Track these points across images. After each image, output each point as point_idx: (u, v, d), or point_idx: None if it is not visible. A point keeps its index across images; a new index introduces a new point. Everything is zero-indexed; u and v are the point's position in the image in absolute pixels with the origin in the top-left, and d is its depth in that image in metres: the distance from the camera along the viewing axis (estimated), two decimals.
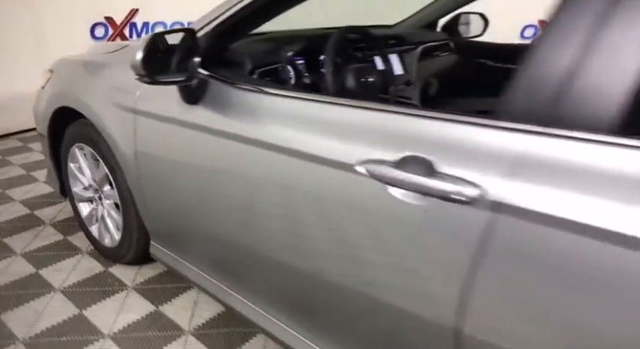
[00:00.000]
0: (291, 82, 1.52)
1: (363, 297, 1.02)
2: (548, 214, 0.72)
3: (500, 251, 0.78)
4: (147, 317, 1.68)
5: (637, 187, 0.67)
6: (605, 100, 0.72)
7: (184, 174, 1.40)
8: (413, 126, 0.91)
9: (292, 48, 1.53)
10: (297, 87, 1.52)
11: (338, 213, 1.02)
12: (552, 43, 0.77)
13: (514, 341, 0.80)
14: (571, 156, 0.73)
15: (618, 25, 0.71)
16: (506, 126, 0.79)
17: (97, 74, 1.70)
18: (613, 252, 0.67)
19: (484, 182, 0.78)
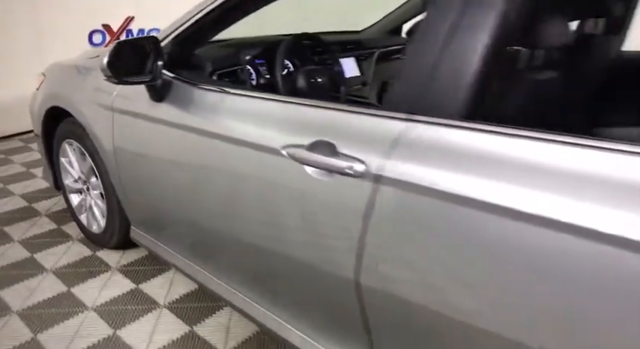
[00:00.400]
0: (251, 82, 1.72)
1: (285, 257, 1.22)
2: (416, 184, 0.91)
3: (381, 213, 0.97)
4: (127, 293, 1.89)
5: (479, 160, 0.86)
6: (455, 92, 0.91)
7: (154, 165, 1.61)
8: (321, 117, 1.11)
9: (250, 52, 1.74)
10: (249, 87, 1.72)
11: (271, 190, 1.21)
12: (419, 46, 0.96)
13: (398, 286, 0.99)
14: (432, 137, 0.92)
15: (465, 31, 0.91)
16: (385, 115, 0.98)
17: (82, 77, 1.91)
18: (455, 210, 0.86)
19: (368, 159, 0.97)
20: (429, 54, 0.94)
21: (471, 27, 0.90)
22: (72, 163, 2.15)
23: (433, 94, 0.94)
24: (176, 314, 1.77)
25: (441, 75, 0.93)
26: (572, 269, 0.74)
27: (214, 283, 1.54)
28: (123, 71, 1.35)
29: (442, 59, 0.93)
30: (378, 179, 0.96)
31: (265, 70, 1.79)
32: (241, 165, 1.28)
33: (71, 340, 1.63)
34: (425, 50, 0.95)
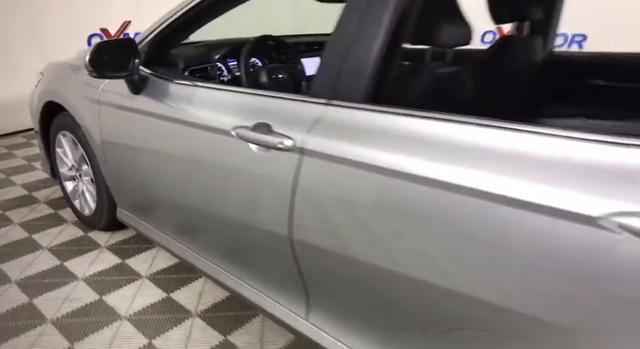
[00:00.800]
0: (220, 78, 1.95)
1: (239, 223, 1.44)
2: (331, 154, 1.13)
3: (305, 178, 1.19)
4: (113, 267, 2.12)
5: (378, 134, 1.08)
6: (360, 82, 1.13)
7: (133, 150, 1.83)
8: (263, 103, 1.34)
9: (220, 52, 1.97)
10: (215, 82, 1.95)
11: (225, 165, 1.44)
12: (333, 44, 1.19)
13: (320, 239, 1.20)
14: (343, 117, 1.14)
15: (367, 31, 1.13)
16: (309, 100, 1.21)
17: (73, 74, 2.14)
18: (361, 173, 1.08)
19: (295, 136, 1.20)
20: (340, 50, 1.17)
21: (371, 28, 1.13)
22: (66, 153, 2.39)
23: (344, 83, 1.16)
24: (155, 284, 1.99)
25: (349, 68, 1.15)
26: (467, 218, 0.92)
27: (190, 255, 1.76)
28: (104, 67, 1.59)
29: (349, 55, 1.15)
30: (302, 151, 1.18)
31: (235, 67, 2.02)
32: (203, 146, 1.50)
33: (62, 302, 1.86)
34: (337, 47, 1.18)
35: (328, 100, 1.18)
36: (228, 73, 2.00)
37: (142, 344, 1.65)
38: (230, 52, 1.98)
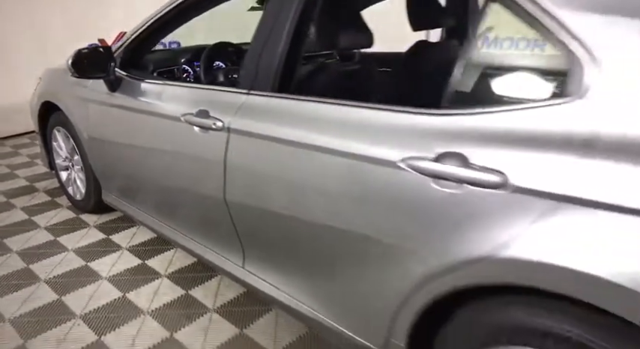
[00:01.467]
0: (185, 78, 2.32)
1: (192, 193, 1.79)
2: (250, 131, 1.48)
3: (233, 151, 1.54)
4: (100, 241, 2.48)
5: (284, 115, 1.42)
6: (270, 75, 1.48)
7: (112, 139, 2.19)
8: (205, 95, 1.69)
9: (185, 56, 2.33)
10: (178, 80, 2.30)
11: (179, 146, 1.79)
12: (253, 44, 1.54)
13: (247, 198, 1.55)
14: (259, 103, 1.49)
15: (275, 34, 1.48)
16: (236, 91, 1.56)
17: (65, 77, 2.51)
18: (272, 145, 1.42)
19: (225, 118, 1.55)
20: (257, 52, 1.52)
21: (277, 36, 1.48)
22: (60, 146, 2.76)
23: (259, 78, 1.51)
24: (134, 254, 2.35)
25: (263, 66, 1.50)
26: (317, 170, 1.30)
27: (159, 225, 2.12)
28: (85, 70, 1.96)
29: (262, 56, 1.51)
30: (230, 130, 1.54)
31: (192, 68, 2.39)
32: (162, 131, 1.86)
33: (54, 267, 2.22)
34: (254, 50, 1.54)
35: (249, 91, 1.53)
36: (193, 73, 2.37)
37: (117, 297, 2.00)
38: (195, 56, 2.35)
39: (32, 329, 1.80)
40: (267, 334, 1.77)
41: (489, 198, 0.98)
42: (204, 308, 1.91)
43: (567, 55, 0.94)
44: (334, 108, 1.31)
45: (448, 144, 1.05)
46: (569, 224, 0.88)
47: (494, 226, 0.97)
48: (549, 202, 0.90)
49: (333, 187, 1.27)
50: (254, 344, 1.71)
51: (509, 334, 1.01)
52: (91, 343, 1.73)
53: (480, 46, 1.13)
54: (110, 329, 1.80)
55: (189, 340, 1.73)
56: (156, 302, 1.96)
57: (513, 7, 1.03)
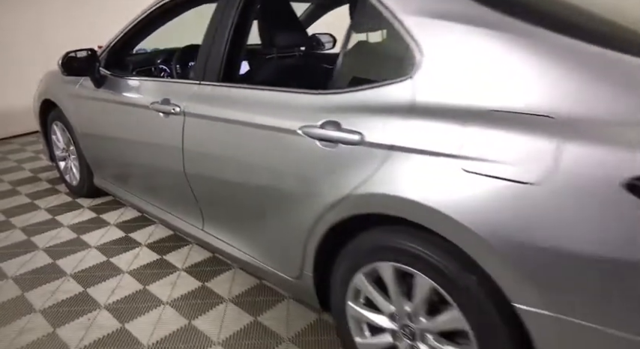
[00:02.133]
0: (160, 75, 2.68)
1: (158, 168, 2.15)
2: (201, 114, 1.83)
3: (188, 131, 1.89)
4: (91, 219, 2.85)
5: (227, 100, 1.77)
6: (216, 68, 1.83)
7: (99, 129, 2.56)
8: (169, 86, 2.05)
9: (161, 57, 2.70)
10: (150, 77, 2.67)
11: (149, 130, 2.14)
12: (204, 41, 1.89)
13: (201, 169, 1.90)
14: (208, 91, 1.84)
15: (220, 30, 1.83)
16: (191, 82, 1.92)
17: (61, 77, 2.89)
18: (218, 124, 1.78)
19: (181, 104, 1.90)
20: (206, 50, 1.88)
21: (220, 36, 1.83)
22: (58, 138, 3.14)
23: (208, 70, 1.87)
24: (121, 229, 2.71)
25: (211, 60, 1.86)
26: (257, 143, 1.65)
27: (139, 201, 2.48)
28: (74, 69, 2.33)
29: (210, 53, 1.86)
30: (185, 114, 1.89)
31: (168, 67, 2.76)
32: (136, 119, 2.22)
33: (50, 239, 2.59)
34: (204, 48, 1.89)
35: (200, 81, 1.89)
36: (169, 71, 2.74)
37: (103, 260, 2.36)
38: (170, 57, 2.72)
39: (29, 284, 2.17)
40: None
41: (353, 152, 1.32)
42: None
43: (405, 48, 1.27)
44: (258, 93, 1.66)
45: (329, 115, 1.39)
46: (401, 165, 1.21)
47: (357, 171, 1.30)
48: (388, 152, 1.23)
49: (258, 153, 1.62)
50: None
51: (383, 252, 1.33)
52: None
53: (349, 45, 1.47)
54: (92, 283, 2.16)
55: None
56: (135, 265, 2.31)
57: (374, 14, 1.37)
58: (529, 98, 1.05)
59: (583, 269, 0.94)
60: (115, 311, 1.96)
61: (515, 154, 1.02)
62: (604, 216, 0.91)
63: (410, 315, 1.32)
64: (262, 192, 1.65)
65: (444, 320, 1.23)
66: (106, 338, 1.79)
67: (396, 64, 1.30)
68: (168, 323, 1.86)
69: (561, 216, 0.96)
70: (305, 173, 1.46)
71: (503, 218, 1.03)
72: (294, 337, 1.75)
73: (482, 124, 1.10)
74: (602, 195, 0.91)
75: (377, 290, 1.39)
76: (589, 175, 0.93)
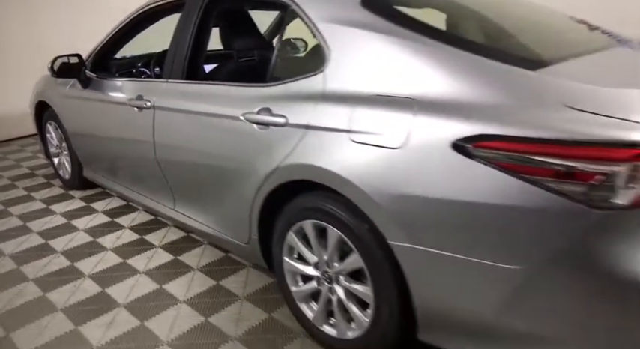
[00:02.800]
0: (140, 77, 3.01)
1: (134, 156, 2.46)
2: (168, 106, 2.15)
3: (158, 122, 2.21)
4: (82, 207, 3.16)
5: (187, 95, 2.09)
6: (180, 67, 2.16)
7: (86, 125, 2.89)
8: (143, 85, 2.37)
9: (142, 61, 3.04)
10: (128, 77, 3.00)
11: (127, 122, 2.46)
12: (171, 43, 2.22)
13: (168, 154, 2.21)
14: (173, 88, 2.17)
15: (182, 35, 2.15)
16: (161, 81, 2.24)
17: (54, 80, 3.22)
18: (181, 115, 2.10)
19: (152, 100, 2.22)
20: (173, 51, 2.20)
21: (183, 39, 2.16)
22: (52, 136, 3.47)
23: (174, 70, 2.19)
24: (107, 215, 3.02)
25: (176, 61, 2.18)
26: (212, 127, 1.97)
27: (125, 189, 2.80)
28: (62, 72, 2.66)
29: (176, 54, 2.18)
30: (155, 107, 2.21)
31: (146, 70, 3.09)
32: (117, 114, 2.54)
33: (45, 224, 2.90)
34: (171, 50, 2.21)
35: (167, 79, 2.21)
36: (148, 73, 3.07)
37: (90, 240, 2.67)
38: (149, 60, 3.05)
39: (24, 260, 2.48)
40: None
41: (280, 132, 1.63)
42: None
43: (319, 48, 1.59)
44: (212, 87, 1.99)
45: (263, 103, 1.71)
46: (312, 140, 1.52)
47: (283, 147, 1.62)
48: (304, 130, 1.55)
49: (211, 137, 1.94)
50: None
51: (305, 213, 1.64)
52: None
53: (279, 46, 1.80)
54: (79, 259, 2.47)
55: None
56: (118, 243, 2.62)
57: (298, 22, 1.69)
58: (399, 85, 1.37)
59: (432, 210, 1.25)
60: (97, 279, 2.27)
61: (385, 126, 1.34)
62: (442, 168, 1.22)
63: (327, 262, 1.63)
64: (216, 170, 1.96)
65: (350, 262, 1.54)
66: (90, 300, 2.10)
67: (312, 62, 1.62)
68: (142, 288, 2.17)
69: (415, 170, 1.27)
70: (246, 151, 1.78)
71: (378, 175, 1.34)
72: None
73: (368, 105, 1.41)
74: (440, 153, 1.22)
75: (304, 244, 1.70)
76: (431, 139, 1.24)
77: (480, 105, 1.21)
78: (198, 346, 1.78)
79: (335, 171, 1.44)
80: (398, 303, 1.41)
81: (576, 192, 1.05)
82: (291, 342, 1.78)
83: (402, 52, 1.39)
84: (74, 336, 1.86)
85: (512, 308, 1.19)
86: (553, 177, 1.07)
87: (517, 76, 1.23)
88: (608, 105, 1.08)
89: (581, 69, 1.36)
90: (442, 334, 1.38)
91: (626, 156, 1.02)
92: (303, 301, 1.77)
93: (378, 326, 1.49)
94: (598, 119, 1.07)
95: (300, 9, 1.68)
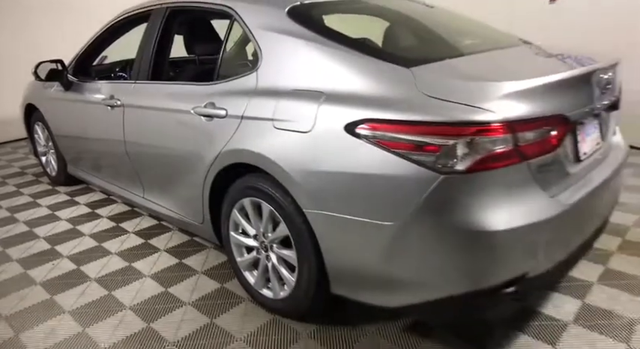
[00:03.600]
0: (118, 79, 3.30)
1: (109, 151, 2.74)
2: (136, 104, 2.44)
3: (127, 119, 2.49)
4: (66, 201, 3.44)
5: (149, 92, 2.38)
6: (146, 70, 2.44)
7: (68, 125, 3.17)
8: (114, 86, 2.66)
9: (120, 66, 3.33)
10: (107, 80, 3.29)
11: (103, 121, 2.74)
12: (137, 52, 2.50)
13: (138, 148, 2.49)
14: (140, 88, 2.45)
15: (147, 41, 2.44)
16: (131, 82, 2.53)
17: (40, 84, 3.50)
18: (147, 111, 2.38)
19: (122, 99, 2.51)
20: (140, 56, 2.49)
21: (148, 46, 2.45)
22: (40, 136, 3.75)
23: (140, 72, 2.48)
24: (89, 207, 3.30)
25: (142, 64, 2.47)
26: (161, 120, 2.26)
27: (103, 182, 3.08)
28: (44, 75, 2.95)
29: (142, 58, 2.47)
30: (124, 106, 2.50)
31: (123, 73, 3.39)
32: (94, 113, 2.82)
33: (30, 215, 3.18)
34: (139, 55, 2.50)
35: (135, 80, 2.50)
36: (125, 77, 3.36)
37: (69, 228, 2.95)
38: (127, 65, 3.35)
39: (10, 244, 2.75)
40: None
41: (222, 122, 1.91)
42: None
43: (254, 51, 1.88)
44: (170, 86, 2.28)
45: (210, 98, 1.99)
46: (246, 128, 1.81)
47: (224, 136, 1.90)
48: (240, 120, 1.83)
49: (168, 129, 2.22)
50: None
51: (244, 192, 1.91)
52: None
53: (224, 49, 2.09)
54: (60, 242, 2.74)
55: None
56: (95, 230, 2.90)
57: (240, 29, 1.99)
58: (312, 80, 1.65)
59: (331, 181, 1.53)
60: (75, 260, 2.54)
61: (299, 115, 1.62)
62: (338, 147, 1.50)
63: (264, 234, 1.90)
64: (174, 159, 2.24)
65: (279, 231, 1.81)
66: (65, 275, 2.38)
67: (249, 63, 1.91)
68: (114, 266, 2.45)
69: (320, 150, 1.55)
70: (196, 141, 2.06)
71: (294, 156, 1.62)
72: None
73: (288, 98, 1.70)
74: (336, 135, 1.50)
75: (245, 220, 1.98)
76: (331, 124, 1.52)
77: (367, 96, 1.49)
78: (158, 310, 2.05)
79: (262, 153, 1.72)
80: (315, 263, 1.69)
81: (428, 161, 1.33)
82: (237, 306, 2.05)
83: (314, 53, 1.68)
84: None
85: (392, 260, 1.46)
86: (413, 150, 1.36)
87: (394, 72, 1.51)
88: (458, 94, 1.36)
89: (452, 65, 1.64)
90: (348, 287, 1.66)
91: (465, 132, 1.30)
92: (247, 269, 2.05)
93: (301, 285, 1.77)
94: (448, 105, 1.35)
95: (241, 18, 1.97)
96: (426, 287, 1.45)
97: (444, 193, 1.33)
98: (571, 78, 1.51)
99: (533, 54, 1.96)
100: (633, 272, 2.16)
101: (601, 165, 1.77)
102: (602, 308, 1.91)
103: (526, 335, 1.77)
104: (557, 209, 1.42)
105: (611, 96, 1.73)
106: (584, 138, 1.65)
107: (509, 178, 1.35)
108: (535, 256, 1.42)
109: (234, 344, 1.81)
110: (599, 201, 1.71)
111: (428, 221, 1.37)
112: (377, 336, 1.82)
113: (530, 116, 1.36)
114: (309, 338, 1.84)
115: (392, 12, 2.27)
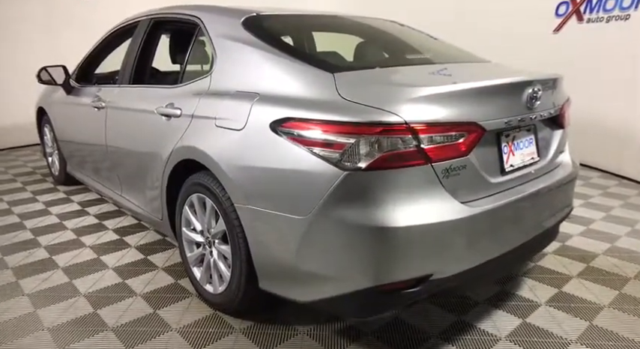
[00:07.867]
0: None
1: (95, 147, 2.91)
2: (117, 105, 2.60)
3: (108, 117, 2.66)
4: (61, 198, 3.63)
5: (131, 95, 2.54)
6: (128, 75, 2.61)
7: (66, 126, 3.39)
8: (104, 90, 2.84)
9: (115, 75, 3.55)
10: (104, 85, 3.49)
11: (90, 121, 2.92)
12: (124, 59, 2.69)
13: (115, 143, 2.64)
14: (121, 90, 2.62)
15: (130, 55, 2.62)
16: (115, 87, 2.71)
17: (49, 90, 3.76)
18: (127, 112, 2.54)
19: (107, 100, 2.69)
20: (125, 63, 2.67)
21: (132, 56, 2.62)
22: (48, 138, 4.00)
23: (124, 77, 2.65)
24: (80, 205, 3.47)
25: (126, 71, 2.64)
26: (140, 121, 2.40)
27: (93, 182, 3.25)
28: (49, 80, 3.19)
29: (127, 66, 2.65)
30: (107, 107, 2.67)
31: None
32: (87, 114, 3.01)
33: (23, 209, 3.37)
34: (124, 63, 2.68)
35: (120, 84, 2.67)
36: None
37: (56, 222, 3.11)
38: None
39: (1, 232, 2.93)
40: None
41: (177, 121, 2.03)
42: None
43: (211, 57, 2.01)
44: (142, 89, 2.45)
45: (170, 100, 2.12)
46: (194, 126, 1.91)
47: (178, 133, 2.01)
48: (191, 119, 1.94)
49: (137, 128, 2.37)
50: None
51: (193, 188, 2.00)
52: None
53: (189, 55, 2.24)
54: (44, 234, 2.90)
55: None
56: (79, 225, 3.05)
57: (201, 37, 2.13)
58: (251, 83, 1.75)
59: (257, 177, 1.60)
60: (50, 250, 2.68)
61: (235, 113, 1.72)
62: (263, 144, 1.58)
63: (208, 229, 1.98)
64: (141, 156, 2.37)
65: (218, 226, 1.88)
66: (37, 262, 2.51)
67: (207, 67, 2.03)
68: (84, 257, 2.57)
69: (249, 147, 1.63)
70: (157, 139, 2.18)
71: (229, 152, 1.71)
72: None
73: (229, 98, 1.80)
74: (263, 133, 1.58)
75: (194, 215, 2.06)
76: (258, 122, 1.61)
77: (292, 97, 1.57)
78: (110, 298, 2.14)
79: (204, 150, 1.81)
80: (245, 258, 1.74)
81: (334, 158, 1.39)
82: (183, 300, 2.12)
83: (256, 58, 1.79)
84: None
85: (303, 253, 1.50)
86: (322, 147, 1.41)
87: (318, 76, 1.59)
88: (371, 98, 1.42)
89: (377, 73, 1.72)
90: (272, 282, 1.70)
91: (369, 131, 1.36)
92: (195, 265, 2.12)
93: (234, 280, 1.82)
94: (359, 107, 1.41)
95: (204, 26, 2.11)
96: (333, 282, 1.48)
97: (346, 189, 1.38)
98: (487, 87, 1.54)
99: (477, 68, 2.00)
100: (584, 296, 2.10)
101: (536, 180, 1.77)
102: (540, 327, 1.87)
103: (454, 347, 1.76)
104: (464, 213, 1.44)
105: (544, 112, 1.74)
106: (513, 150, 1.67)
107: (413, 178, 1.39)
108: (440, 258, 1.43)
109: (169, 334, 1.87)
110: (526, 213, 1.70)
111: (332, 216, 1.41)
112: (306, 336, 1.84)
113: (438, 121, 1.40)
114: (241, 333, 1.88)
115: (348, 27, 2.38)
